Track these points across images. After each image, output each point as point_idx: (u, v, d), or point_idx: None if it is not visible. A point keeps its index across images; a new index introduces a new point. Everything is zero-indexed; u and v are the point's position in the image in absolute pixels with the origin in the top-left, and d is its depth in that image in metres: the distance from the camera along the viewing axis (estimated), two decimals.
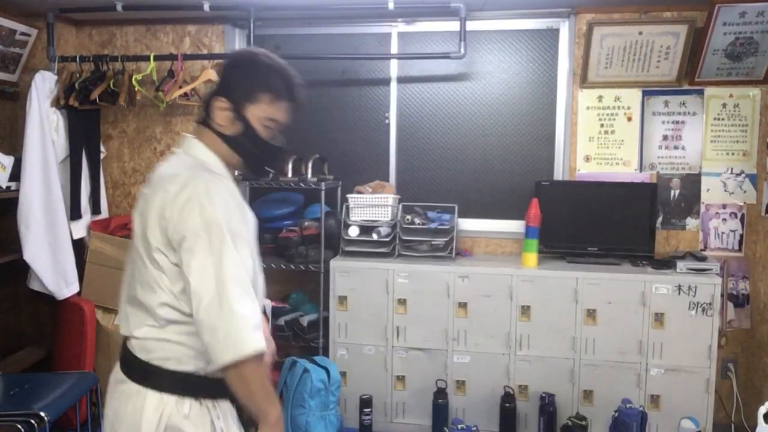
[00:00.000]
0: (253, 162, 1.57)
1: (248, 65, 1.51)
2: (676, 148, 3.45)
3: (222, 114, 1.49)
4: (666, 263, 3.24)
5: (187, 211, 1.36)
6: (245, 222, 1.46)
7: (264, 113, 1.49)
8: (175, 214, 1.37)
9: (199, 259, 1.34)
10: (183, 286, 1.38)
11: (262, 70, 1.50)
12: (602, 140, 3.50)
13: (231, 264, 1.34)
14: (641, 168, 3.48)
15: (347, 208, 3.48)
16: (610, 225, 3.41)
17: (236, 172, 1.64)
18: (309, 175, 3.41)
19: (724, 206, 3.43)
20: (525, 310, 3.19)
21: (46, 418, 2.52)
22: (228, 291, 1.32)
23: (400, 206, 3.52)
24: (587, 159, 3.51)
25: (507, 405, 3.16)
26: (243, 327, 1.31)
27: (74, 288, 3.34)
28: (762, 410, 2.00)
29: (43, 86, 3.28)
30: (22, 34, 3.44)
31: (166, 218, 1.38)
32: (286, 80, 1.51)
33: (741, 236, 3.43)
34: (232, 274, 1.33)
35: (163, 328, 1.41)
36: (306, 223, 3.50)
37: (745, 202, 3.42)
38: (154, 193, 1.43)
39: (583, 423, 3.02)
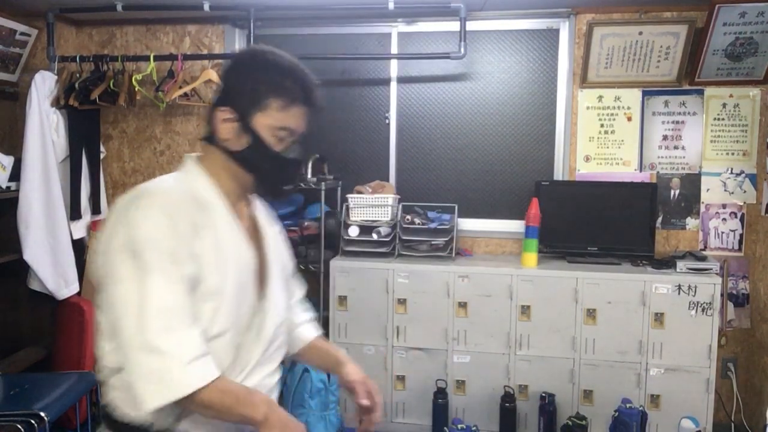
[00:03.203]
0: (266, 180, 1.33)
1: (252, 66, 1.29)
2: (676, 148, 3.46)
3: (226, 126, 1.27)
4: (666, 263, 3.24)
5: (110, 235, 1.18)
6: (191, 249, 1.19)
7: (275, 122, 1.27)
8: (102, 242, 1.20)
9: (118, 288, 1.16)
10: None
11: (270, 71, 1.28)
12: (602, 140, 3.50)
13: (155, 293, 1.13)
14: (641, 168, 3.48)
15: (347, 208, 3.48)
16: (610, 225, 3.41)
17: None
18: (309, 175, 3.41)
19: (724, 206, 3.44)
20: (525, 310, 3.19)
21: (46, 418, 2.52)
22: (148, 325, 1.12)
23: (400, 206, 3.52)
24: (587, 159, 3.52)
25: (507, 405, 3.16)
26: (169, 367, 1.12)
27: (74, 288, 3.34)
28: None
29: (43, 86, 3.28)
30: (22, 34, 3.43)
31: (97, 250, 1.22)
32: (299, 81, 1.29)
33: (741, 236, 3.43)
34: (155, 306, 1.13)
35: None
36: (306, 223, 3.50)
37: (745, 202, 3.42)
38: None
39: (583, 423, 3.02)
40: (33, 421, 2.50)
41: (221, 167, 1.31)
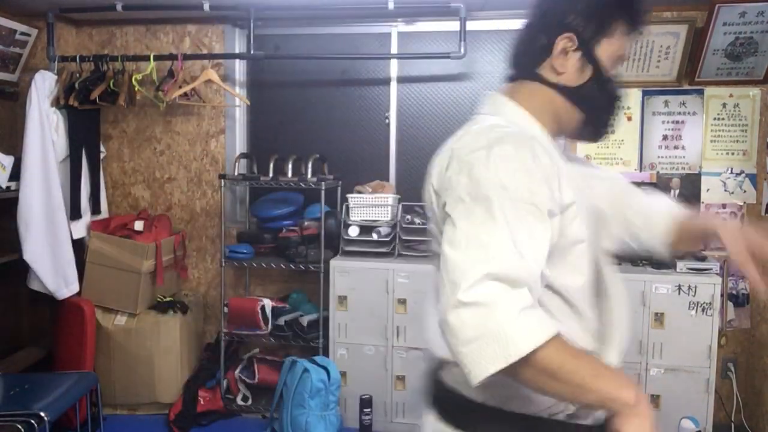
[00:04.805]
0: (598, 119, 1.16)
1: None
2: (676, 147, 3.46)
3: (568, 58, 1.10)
4: (666, 263, 3.23)
5: (451, 171, 1.05)
6: (551, 198, 1.02)
7: (618, 49, 1.11)
8: (443, 178, 1.07)
9: (454, 229, 0.98)
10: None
11: None
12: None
13: (497, 240, 0.94)
14: (641, 168, 3.48)
15: (347, 207, 3.48)
16: None
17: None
18: (309, 175, 3.41)
19: (724, 206, 3.43)
20: None
21: (46, 418, 2.52)
22: (488, 269, 0.92)
23: (400, 206, 3.52)
24: (587, 159, 3.51)
25: None
26: (502, 322, 0.90)
27: (74, 288, 3.34)
28: None
29: (43, 86, 3.28)
30: (22, 34, 3.44)
31: (439, 182, 1.08)
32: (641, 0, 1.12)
33: None
34: (496, 257, 0.93)
35: None
36: (306, 223, 3.50)
37: (745, 202, 3.42)
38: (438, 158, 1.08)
39: None
40: (33, 421, 2.50)
41: (542, 106, 1.13)
